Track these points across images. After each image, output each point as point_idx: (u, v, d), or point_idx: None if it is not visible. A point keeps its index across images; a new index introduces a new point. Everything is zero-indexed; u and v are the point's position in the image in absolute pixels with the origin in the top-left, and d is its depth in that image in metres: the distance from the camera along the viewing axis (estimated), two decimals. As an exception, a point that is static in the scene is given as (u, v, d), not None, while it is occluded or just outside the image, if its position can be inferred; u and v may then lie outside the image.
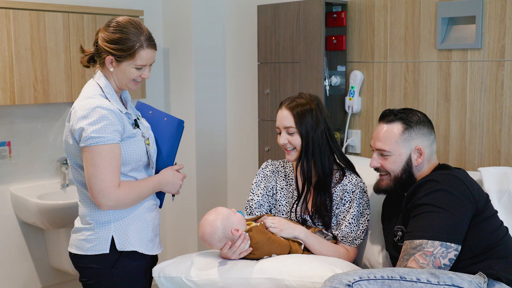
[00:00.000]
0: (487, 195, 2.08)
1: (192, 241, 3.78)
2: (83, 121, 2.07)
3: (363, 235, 2.34)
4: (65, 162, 3.39)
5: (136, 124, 2.22)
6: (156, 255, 2.38)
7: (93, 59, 2.23)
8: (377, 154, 2.24)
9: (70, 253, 2.26)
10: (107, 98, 2.15)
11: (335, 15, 3.09)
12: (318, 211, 2.33)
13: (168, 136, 2.34)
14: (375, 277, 1.78)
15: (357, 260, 2.44)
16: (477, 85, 2.68)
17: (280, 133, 2.36)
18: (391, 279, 1.78)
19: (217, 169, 3.84)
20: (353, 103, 3.09)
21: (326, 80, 3.09)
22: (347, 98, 3.11)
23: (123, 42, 2.12)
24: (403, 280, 1.78)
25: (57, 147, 3.41)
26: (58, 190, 3.34)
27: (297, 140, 2.31)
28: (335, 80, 3.12)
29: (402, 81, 2.93)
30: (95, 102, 2.10)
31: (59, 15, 3.15)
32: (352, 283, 1.76)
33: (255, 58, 3.55)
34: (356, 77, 3.07)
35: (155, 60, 2.22)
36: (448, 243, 1.92)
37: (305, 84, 3.11)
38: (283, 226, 2.25)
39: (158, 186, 2.25)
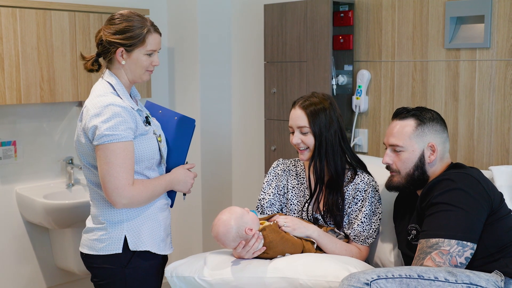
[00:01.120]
0: (501, 194, 2.09)
1: (197, 240, 3.78)
2: (96, 119, 2.06)
3: (375, 234, 2.34)
4: (70, 161, 3.38)
5: (147, 121, 2.22)
6: (167, 255, 2.38)
7: (97, 61, 2.23)
8: (390, 150, 2.24)
9: (81, 253, 2.25)
10: (118, 96, 2.15)
11: (342, 14, 3.10)
12: (330, 210, 2.33)
13: (179, 135, 2.34)
14: (393, 275, 1.78)
15: (369, 259, 2.44)
16: (486, 84, 2.69)
17: (293, 133, 2.36)
18: (409, 278, 1.78)
19: (222, 169, 3.83)
20: (360, 102, 3.09)
21: (333, 79, 3.09)
22: (354, 97, 3.11)
23: (131, 29, 2.13)
24: (421, 279, 1.78)
25: (63, 147, 3.40)
26: (64, 190, 3.32)
27: (310, 139, 2.31)
28: (342, 79, 3.12)
29: (410, 80, 2.93)
30: (107, 100, 2.09)
31: (65, 14, 3.13)
32: (371, 282, 1.76)
33: (261, 57, 3.54)
34: (364, 76, 3.07)
35: (161, 47, 2.23)
36: (465, 242, 1.92)
37: (312, 83, 3.10)
38: (296, 226, 2.24)
39: (170, 184, 2.24)
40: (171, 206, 2.37)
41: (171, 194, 2.35)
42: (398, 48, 2.96)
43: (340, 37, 3.10)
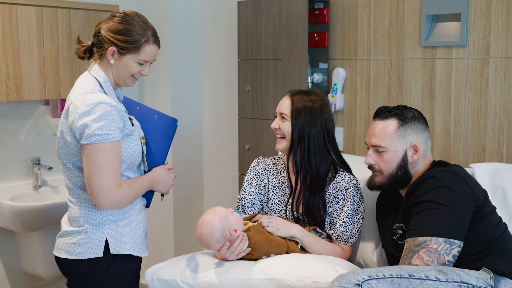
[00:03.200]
0: (485, 191, 2.09)
1: (168, 241, 3.70)
2: (86, 118, 1.96)
3: (358, 233, 2.32)
4: (37, 162, 3.25)
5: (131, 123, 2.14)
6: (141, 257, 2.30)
7: (90, 51, 2.13)
8: (373, 151, 2.22)
9: (57, 257, 2.15)
10: (105, 94, 2.06)
11: (317, 12, 3.07)
12: (310, 212, 2.30)
13: (159, 135, 2.27)
14: (384, 275, 1.76)
15: (351, 258, 2.42)
16: (462, 82, 2.70)
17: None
18: (400, 277, 1.76)
19: (193, 168, 3.77)
20: (336, 100, 3.07)
21: (308, 77, 3.06)
22: (329, 95, 3.09)
23: (129, 33, 2.04)
24: (412, 278, 1.76)
25: (29, 147, 3.27)
26: (31, 192, 3.20)
27: (287, 127, 2.29)
28: (317, 77, 3.10)
29: (386, 78, 2.92)
30: (97, 98, 1.99)
31: (32, 9, 3.02)
32: (362, 282, 1.74)
33: (234, 55, 3.49)
34: (339, 74, 3.05)
35: (156, 59, 2.14)
36: (452, 240, 1.91)
37: (288, 81, 3.07)
38: (279, 226, 2.20)
39: (150, 184, 2.18)
40: (147, 206, 2.30)
41: (149, 194, 2.28)
42: (374, 45, 2.95)
43: (315, 35, 3.08)
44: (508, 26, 2.56)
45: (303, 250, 2.25)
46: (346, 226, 2.29)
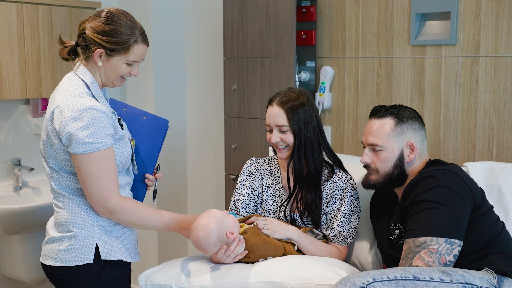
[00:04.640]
0: (482, 190, 2.09)
1: (152, 245, 3.63)
2: (73, 124, 1.87)
3: (354, 233, 2.29)
4: (18, 163, 3.16)
5: (120, 125, 2.07)
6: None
7: (74, 52, 2.05)
8: (369, 150, 2.20)
9: (45, 265, 2.06)
10: (94, 97, 1.98)
11: (304, 10, 3.04)
12: (308, 208, 2.26)
13: (149, 137, 2.20)
14: (388, 277, 1.74)
15: (346, 259, 2.39)
16: (452, 80, 2.69)
17: (270, 131, 2.27)
18: (404, 279, 1.74)
19: (177, 169, 3.71)
20: (324, 99, 3.04)
21: (296, 75, 3.03)
22: (317, 94, 3.06)
23: (117, 34, 1.95)
24: (417, 280, 1.74)
25: (9, 147, 3.17)
26: (11, 193, 3.11)
27: (290, 138, 2.23)
28: (305, 75, 3.07)
29: (374, 77, 2.91)
30: (86, 103, 1.90)
31: (12, 6, 2.92)
32: (367, 285, 1.71)
33: (220, 53, 3.44)
34: (327, 73, 3.02)
35: (145, 58, 2.08)
36: (452, 239, 1.90)
37: (275, 79, 3.03)
38: (276, 227, 2.16)
39: (178, 224, 2.06)
40: None
41: (140, 194, 2.22)
42: (362, 44, 2.93)
43: (302, 33, 3.04)
44: (498, 24, 2.56)
45: (299, 252, 2.21)
46: (343, 227, 2.26)
